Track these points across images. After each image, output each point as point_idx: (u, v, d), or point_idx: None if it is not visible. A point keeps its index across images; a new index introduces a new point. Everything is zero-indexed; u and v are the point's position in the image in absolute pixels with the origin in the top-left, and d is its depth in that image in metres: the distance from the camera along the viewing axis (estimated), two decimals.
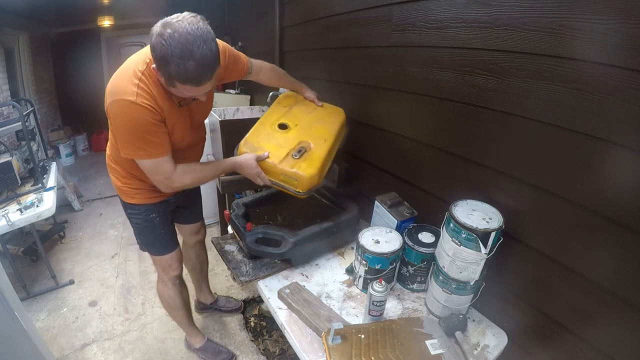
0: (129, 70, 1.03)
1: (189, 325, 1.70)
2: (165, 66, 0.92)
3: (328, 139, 1.39)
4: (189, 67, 0.91)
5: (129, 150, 1.08)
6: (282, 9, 2.32)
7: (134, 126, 1.03)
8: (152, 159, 1.10)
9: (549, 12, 0.87)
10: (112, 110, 1.03)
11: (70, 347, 1.81)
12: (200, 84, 0.97)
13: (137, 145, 1.06)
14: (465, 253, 0.99)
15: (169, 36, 0.88)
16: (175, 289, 1.54)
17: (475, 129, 1.13)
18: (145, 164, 1.12)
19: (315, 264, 1.40)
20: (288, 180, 1.28)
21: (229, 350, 1.75)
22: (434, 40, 1.20)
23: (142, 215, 1.34)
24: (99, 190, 3.81)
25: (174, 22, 0.90)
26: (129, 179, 1.29)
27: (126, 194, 1.31)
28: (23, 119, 2.26)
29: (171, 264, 1.46)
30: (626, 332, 0.84)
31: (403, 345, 0.93)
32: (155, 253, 1.44)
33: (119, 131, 1.07)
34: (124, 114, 1.02)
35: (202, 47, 0.90)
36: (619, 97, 0.77)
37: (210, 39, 0.93)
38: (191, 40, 0.89)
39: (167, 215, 1.42)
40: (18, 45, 4.02)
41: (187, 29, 0.89)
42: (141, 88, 1.01)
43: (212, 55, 0.94)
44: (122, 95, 1.00)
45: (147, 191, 1.30)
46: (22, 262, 2.46)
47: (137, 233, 1.42)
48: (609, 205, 0.83)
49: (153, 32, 0.92)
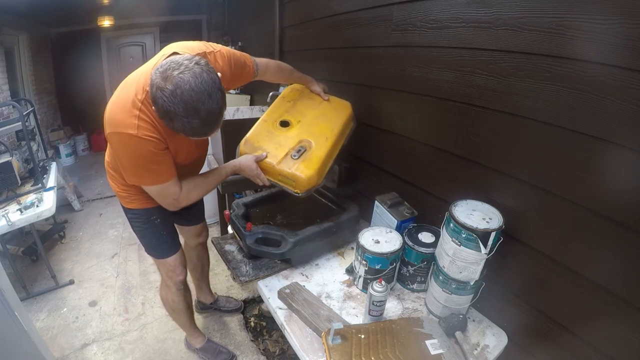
0: (128, 100, 0.98)
1: (191, 326, 1.70)
2: (169, 122, 0.89)
3: (330, 137, 1.37)
4: (195, 125, 0.88)
5: (134, 178, 1.08)
6: (282, 9, 2.33)
7: (137, 158, 1.01)
8: (159, 185, 1.09)
9: (549, 12, 0.87)
10: (113, 141, 1.01)
11: (70, 347, 1.81)
12: (208, 135, 0.97)
13: (142, 174, 1.05)
14: (465, 253, 0.99)
15: (170, 93, 0.84)
16: (180, 294, 1.53)
17: (475, 129, 1.13)
18: (151, 190, 1.11)
19: (315, 264, 1.40)
20: (286, 181, 1.28)
21: (229, 351, 1.75)
22: (434, 40, 1.20)
23: (143, 219, 1.33)
24: (99, 190, 3.81)
25: (175, 74, 0.84)
26: (128, 187, 1.26)
27: (126, 199, 1.30)
28: (23, 119, 2.26)
29: (175, 268, 1.45)
30: (626, 332, 0.84)
31: (403, 345, 0.93)
32: (159, 256, 1.42)
33: (123, 162, 1.06)
34: (126, 147, 1.00)
35: (207, 103, 0.86)
36: (619, 97, 0.77)
37: (215, 90, 0.88)
38: (195, 98, 0.84)
39: (168, 216, 1.41)
40: (18, 45, 4.02)
41: (191, 85, 0.84)
42: (142, 119, 0.96)
43: (218, 108, 0.90)
44: (123, 129, 0.96)
45: (147, 197, 1.28)
46: (22, 262, 2.46)
47: (139, 237, 1.41)
48: (609, 205, 0.83)
49: (153, 83, 0.86)
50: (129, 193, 1.28)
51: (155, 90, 0.86)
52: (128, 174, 1.08)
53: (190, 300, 1.64)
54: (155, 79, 0.87)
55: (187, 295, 1.58)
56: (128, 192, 1.28)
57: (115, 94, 1.04)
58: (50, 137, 4.56)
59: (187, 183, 1.16)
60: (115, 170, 1.28)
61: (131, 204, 1.30)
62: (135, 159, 1.02)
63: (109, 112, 1.01)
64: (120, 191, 1.30)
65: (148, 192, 1.13)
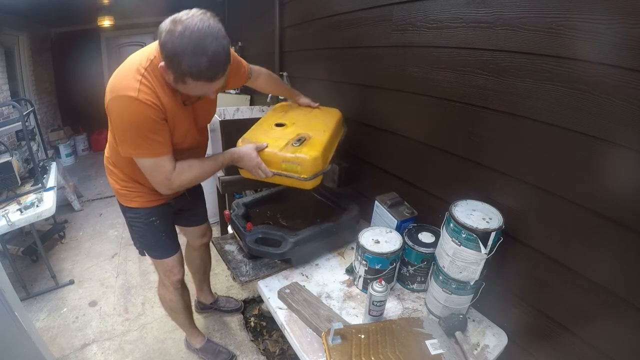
0: (132, 67, 1.01)
1: (190, 326, 1.70)
2: (177, 64, 0.90)
3: (327, 130, 1.37)
4: (202, 64, 0.90)
5: (129, 149, 1.05)
6: (282, 9, 2.32)
7: (135, 123, 1.00)
8: (153, 158, 1.07)
9: (549, 12, 0.87)
10: (112, 107, 1.00)
11: (70, 347, 1.81)
12: (214, 79, 0.96)
13: (137, 143, 1.03)
14: (465, 253, 0.99)
15: (179, 33, 0.87)
16: (177, 293, 1.53)
17: (475, 129, 1.13)
18: (145, 163, 1.09)
19: (315, 264, 1.40)
20: (291, 168, 1.23)
21: (229, 351, 1.75)
22: (434, 40, 1.20)
23: (143, 219, 1.32)
24: (99, 190, 3.81)
25: (183, 18, 0.89)
26: (128, 182, 1.26)
27: (125, 197, 1.28)
28: (23, 119, 2.26)
29: (172, 269, 1.44)
30: (626, 332, 0.84)
31: (403, 345, 0.93)
32: (156, 257, 1.42)
33: (119, 128, 1.04)
34: (125, 110, 0.99)
35: (214, 43, 0.89)
36: (619, 97, 0.77)
37: (222, 36, 0.92)
38: (202, 37, 0.88)
39: (168, 218, 1.40)
40: (18, 45, 4.02)
41: (198, 26, 0.88)
42: (144, 84, 0.98)
43: (225, 51, 0.93)
44: (124, 92, 0.97)
45: (147, 194, 1.28)
46: (22, 262, 2.46)
47: (137, 237, 1.40)
48: (609, 205, 0.83)
49: (162, 29, 0.90)
50: (129, 190, 1.27)
51: (164, 35, 0.89)
52: (123, 142, 1.05)
53: (188, 300, 1.63)
54: (164, 26, 0.90)
55: (185, 294, 1.58)
56: (128, 189, 1.27)
57: (119, 67, 1.05)
58: (50, 137, 4.56)
59: (181, 163, 1.14)
60: (115, 166, 1.27)
61: (131, 202, 1.29)
62: (134, 124, 1.00)
63: (111, 80, 1.02)
64: (120, 188, 1.28)
65: (141, 167, 1.09)
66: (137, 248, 1.46)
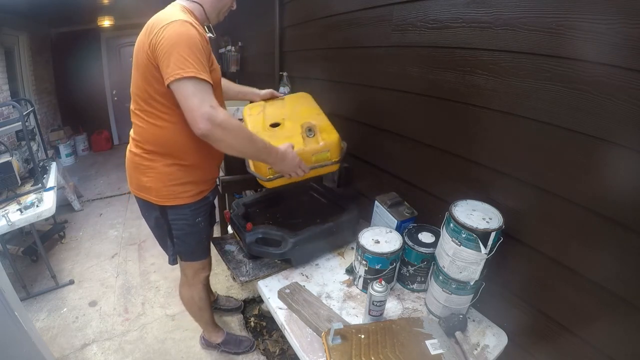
0: (173, 8, 1.08)
1: (213, 323, 1.70)
2: None
3: (319, 112, 1.44)
4: None
5: (177, 67, 0.97)
6: (282, 9, 2.32)
7: (189, 39, 0.99)
8: (199, 82, 0.99)
9: (549, 12, 0.87)
10: (163, 33, 0.99)
11: (70, 347, 1.81)
12: None
13: (187, 61, 0.97)
14: (465, 253, 0.98)
15: None
16: (205, 289, 1.51)
17: (476, 129, 1.13)
18: (189, 89, 0.98)
19: (315, 264, 1.40)
20: (322, 157, 1.32)
21: (250, 338, 1.77)
22: (433, 40, 1.20)
23: (190, 219, 1.25)
24: (99, 190, 3.81)
25: None
26: (171, 173, 1.16)
27: (169, 195, 1.18)
28: (23, 119, 2.26)
29: (205, 266, 1.43)
30: (626, 332, 0.84)
31: (403, 345, 0.93)
32: (192, 259, 1.37)
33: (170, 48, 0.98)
34: (178, 28, 1.00)
35: None
36: (619, 97, 0.77)
37: None
38: None
39: (209, 218, 1.36)
40: (18, 45, 4.02)
41: None
42: (189, 17, 1.05)
43: None
44: (174, 17, 1.01)
45: (196, 184, 1.21)
46: (22, 262, 2.46)
47: (178, 241, 1.29)
48: (609, 205, 0.83)
49: None
50: (173, 184, 1.17)
51: None
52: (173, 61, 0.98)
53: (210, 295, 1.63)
54: None
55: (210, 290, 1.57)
56: (172, 183, 1.16)
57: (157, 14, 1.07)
58: (50, 137, 4.56)
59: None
60: (154, 154, 1.15)
61: (176, 199, 1.19)
62: (188, 40, 0.99)
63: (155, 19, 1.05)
64: (162, 187, 1.17)
65: (184, 97, 0.99)
66: (171, 254, 1.35)
